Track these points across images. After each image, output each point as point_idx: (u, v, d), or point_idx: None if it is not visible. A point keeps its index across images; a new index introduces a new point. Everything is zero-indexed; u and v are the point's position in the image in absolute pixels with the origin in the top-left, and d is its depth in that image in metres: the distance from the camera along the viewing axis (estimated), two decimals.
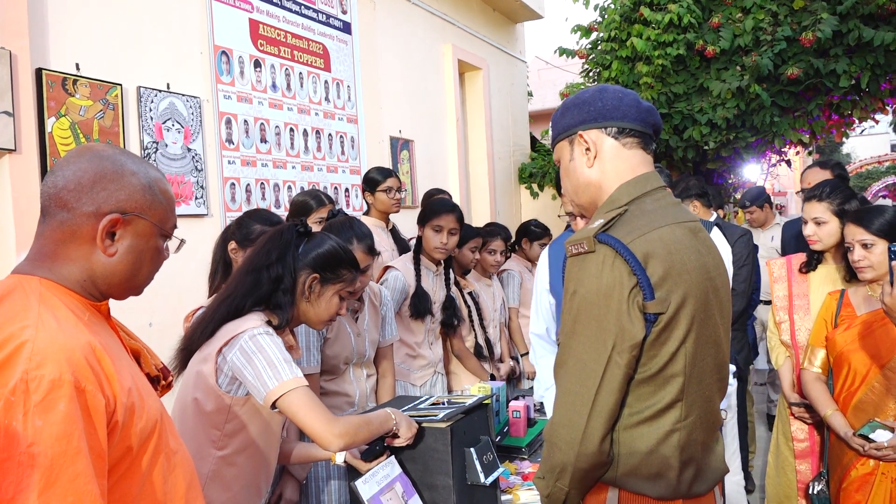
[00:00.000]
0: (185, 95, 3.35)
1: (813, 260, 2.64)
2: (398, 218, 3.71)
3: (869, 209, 2.32)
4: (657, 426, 1.26)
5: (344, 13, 4.67)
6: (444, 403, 2.05)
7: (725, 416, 2.55)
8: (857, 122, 6.53)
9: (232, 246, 2.27)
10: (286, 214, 3.30)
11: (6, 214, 2.59)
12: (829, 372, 2.42)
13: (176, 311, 2.88)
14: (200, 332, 1.74)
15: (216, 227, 3.38)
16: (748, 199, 5.47)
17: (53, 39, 2.80)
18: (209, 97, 3.52)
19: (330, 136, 4.44)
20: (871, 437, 2.15)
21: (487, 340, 3.50)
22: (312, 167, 4.25)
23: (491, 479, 1.92)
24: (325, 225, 2.38)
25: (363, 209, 3.76)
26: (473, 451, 1.92)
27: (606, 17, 6.30)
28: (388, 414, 1.81)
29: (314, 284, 1.81)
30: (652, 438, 1.26)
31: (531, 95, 8.45)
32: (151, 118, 3.18)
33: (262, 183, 3.84)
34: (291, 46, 4.14)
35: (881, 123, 6.69)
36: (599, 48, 6.45)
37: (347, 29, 4.70)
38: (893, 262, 1.77)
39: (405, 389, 2.94)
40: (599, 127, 1.36)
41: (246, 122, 3.75)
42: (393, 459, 1.87)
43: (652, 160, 1.40)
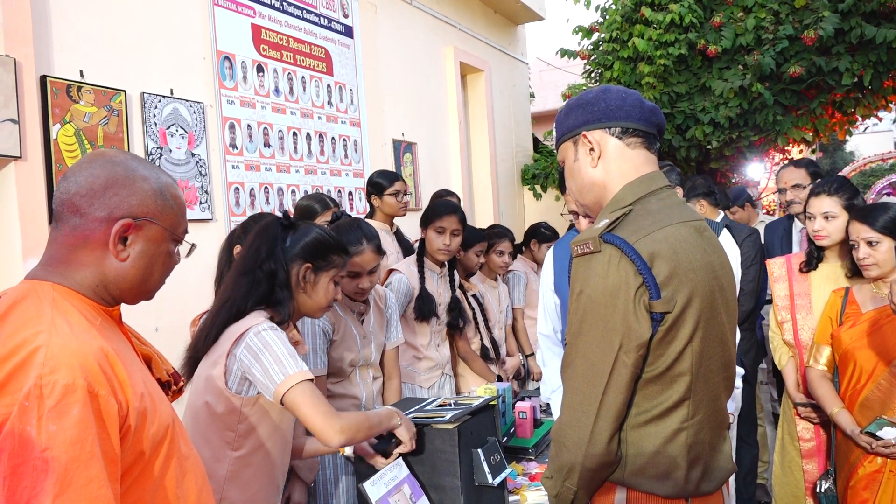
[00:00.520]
0: (188, 101, 3.37)
1: (813, 259, 2.63)
2: (402, 220, 3.72)
3: (874, 206, 2.31)
4: (665, 425, 1.26)
5: (345, 17, 4.68)
6: (450, 405, 2.06)
7: (733, 419, 2.55)
8: (860, 119, 6.51)
9: (238, 250, 2.27)
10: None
11: (12, 221, 2.61)
12: (834, 370, 2.42)
13: (182, 315, 2.89)
14: (204, 338, 1.75)
15: (221, 231, 3.40)
16: (730, 198, 5.48)
17: (57, 47, 2.82)
18: (212, 102, 3.53)
19: (333, 139, 4.45)
20: (878, 434, 2.15)
21: (493, 342, 3.51)
22: (316, 171, 4.26)
23: (498, 479, 1.92)
24: (331, 227, 2.39)
25: (366, 212, 3.76)
26: (481, 452, 1.92)
27: (608, 17, 6.30)
28: (392, 412, 1.82)
29: (308, 274, 1.82)
30: (659, 437, 1.26)
31: (533, 97, 8.46)
32: (155, 124, 3.19)
33: (265, 187, 3.85)
34: (294, 51, 4.16)
35: (885, 121, 6.66)
36: (601, 49, 6.45)
37: (349, 33, 4.71)
38: None
39: (413, 392, 2.94)
40: (603, 127, 1.37)
41: (249, 126, 3.77)
42: (401, 461, 1.88)
43: (656, 160, 1.40)
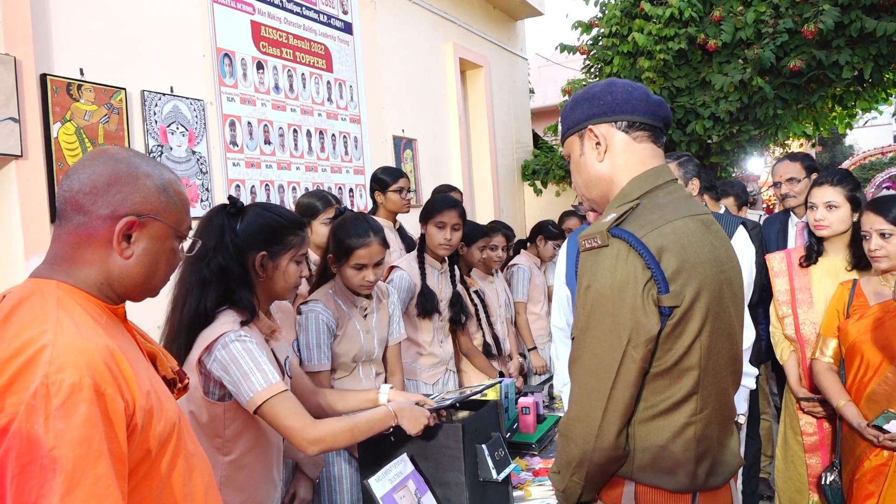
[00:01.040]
0: (188, 98, 3.36)
1: (813, 253, 2.62)
2: (403, 217, 3.72)
3: (888, 198, 2.30)
4: (673, 419, 1.26)
5: (345, 13, 4.67)
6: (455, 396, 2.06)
7: (743, 420, 2.53)
8: (860, 113, 6.51)
9: None
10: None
11: (14, 219, 2.60)
12: (840, 362, 2.41)
13: None
14: (175, 348, 1.66)
15: None
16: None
17: (57, 45, 2.81)
18: (212, 100, 3.52)
19: (333, 136, 4.45)
20: (885, 427, 2.14)
21: (495, 338, 3.51)
22: (316, 168, 4.26)
23: (503, 475, 1.92)
24: (336, 222, 2.39)
25: (367, 209, 3.76)
26: (485, 447, 1.92)
27: (607, 12, 6.29)
28: (386, 412, 1.78)
29: (264, 261, 1.72)
30: (668, 432, 1.26)
31: (533, 92, 8.44)
32: (156, 121, 3.18)
33: (266, 184, 3.84)
34: (293, 48, 4.15)
35: (884, 115, 6.65)
36: (600, 44, 6.44)
37: (349, 29, 4.70)
38: None
39: (417, 388, 2.93)
40: (609, 121, 1.36)
41: (249, 123, 3.76)
42: (405, 457, 1.87)
43: (663, 153, 1.40)
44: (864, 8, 5.26)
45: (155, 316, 2.95)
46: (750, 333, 2.27)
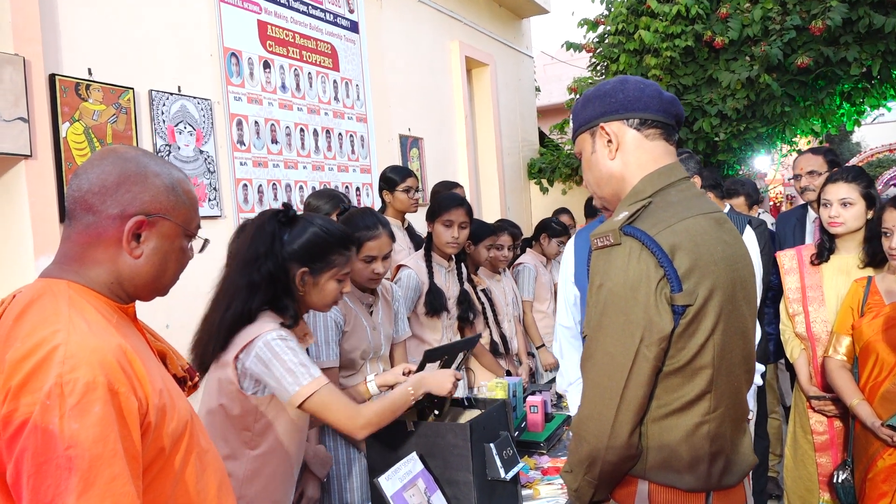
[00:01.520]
0: (196, 98, 3.36)
1: (825, 250, 2.60)
2: (411, 215, 3.71)
3: None
4: (686, 418, 1.25)
5: (351, 12, 4.67)
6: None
7: (752, 418, 2.52)
8: (868, 110, 6.47)
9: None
10: None
11: (24, 219, 2.61)
12: (854, 360, 2.39)
13: (193, 312, 2.87)
14: (213, 342, 1.70)
15: (229, 228, 3.39)
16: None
17: (66, 45, 2.82)
18: (220, 99, 3.53)
19: (340, 135, 4.45)
20: None
21: (503, 336, 3.50)
22: (323, 167, 4.26)
23: (511, 474, 1.92)
24: (343, 217, 2.40)
25: (374, 207, 3.76)
26: (493, 446, 1.92)
27: (613, 10, 6.27)
28: (405, 391, 1.81)
29: (305, 277, 1.75)
30: (681, 430, 1.25)
31: (539, 91, 8.42)
32: (164, 121, 3.19)
33: (273, 183, 3.84)
34: (300, 47, 4.15)
35: (892, 112, 6.61)
36: (607, 41, 6.42)
37: (355, 28, 4.70)
38: None
39: None
40: (621, 118, 1.35)
41: (257, 123, 3.76)
42: (415, 456, 1.87)
43: (675, 151, 1.39)
44: (872, 4, 5.23)
45: (158, 315, 2.96)
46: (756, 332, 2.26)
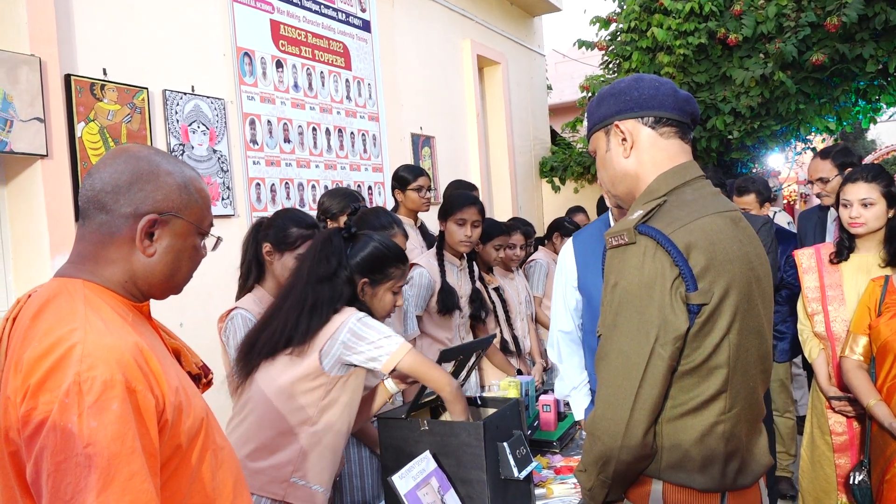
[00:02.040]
0: (209, 97, 3.38)
1: (844, 249, 2.57)
2: (424, 214, 3.72)
3: None
4: (701, 418, 1.24)
5: (363, 11, 4.68)
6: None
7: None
8: (884, 107, 6.40)
9: (267, 248, 2.24)
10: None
11: (40, 218, 2.64)
12: (871, 360, 2.36)
13: (206, 310, 2.91)
14: (297, 332, 1.83)
15: (243, 227, 3.41)
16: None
17: (81, 46, 2.84)
18: (233, 98, 3.54)
19: (352, 134, 4.46)
20: None
21: (514, 336, 3.49)
22: (335, 166, 4.27)
23: (524, 473, 1.91)
24: (356, 216, 2.40)
25: (386, 206, 3.77)
26: (506, 445, 1.91)
27: (626, 7, 6.24)
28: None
29: (365, 288, 1.93)
30: (696, 430, 1.24)
31: (550, 89, 8.40)
32: (177, 121, 3.21)
33: (286, 182, 3.86)
34: (312, 46, 4.16)
35: None
36: (619, 39, 6.39)
37: (367, 27, 4.70)
38: None
39: None
40: (636, 117, 1.34)
41: (269, 122, 3.78)
42: (428, 455, 1.88)
43: (690, 149, 1.38)
44: (888, 0, 5.17)
45: (172, 314, 2.98)
46: None
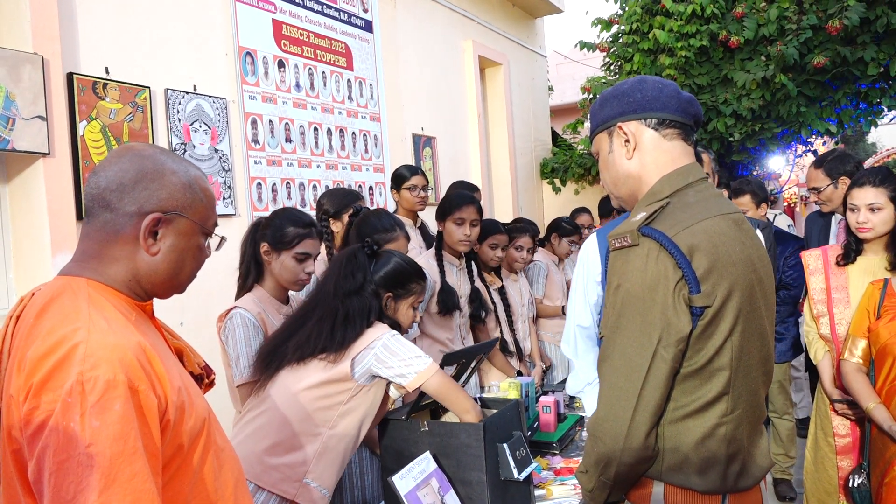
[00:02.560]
0: (211, 97, 3.38)
1: (851, 252, 2.56)
2: (424, 214, 3.71)
3: None
4: (703, 420, 1.25)
5: (365, 12, 4.68)
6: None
7: None
8: (885, 110, 6.40)
9: (265, 248, 2.24)
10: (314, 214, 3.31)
11: (42, 216, 2.64)
12: (870, 363, 2.36)
13: (206, 310, 2.91)
14: (331, 341, 1.88)
15: (244, 226, 3.40)
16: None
17: (83, 44, 2.84)
18: (235, 98, 3.54)
19: (353, 134, 4.46)
20: None
21: (515, 338, 3.49)
22: (337, 166, 4.27)
23: (524, 474, 1.91)
24: (358, 218, 2.41)
25: (387, 206, 3.77)
26: (506, 446, 1.91)
27: (627, 9, 6.24)
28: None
29: (388, 302, 2.00)
30: (698, 432, 1.24)
31: (552, 90, 8.40)
32: (179, 120, 3.21)
33: (287, 182, 3.86)
34: (314, 46, 4.16)
35: None
36: (621, 41, 6.39)
37: (369, 27, 4.71)
38: None
39: None
40: (639, 118, 1.34)
41: (271, 122, 3.78)
42: (428, 455, 1.88)
43: (693, 151, 1.38)
44: (890, 3, 5.17)
45: (172, 313, 2.98)
46: None
